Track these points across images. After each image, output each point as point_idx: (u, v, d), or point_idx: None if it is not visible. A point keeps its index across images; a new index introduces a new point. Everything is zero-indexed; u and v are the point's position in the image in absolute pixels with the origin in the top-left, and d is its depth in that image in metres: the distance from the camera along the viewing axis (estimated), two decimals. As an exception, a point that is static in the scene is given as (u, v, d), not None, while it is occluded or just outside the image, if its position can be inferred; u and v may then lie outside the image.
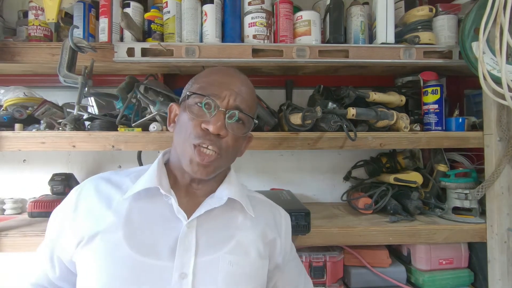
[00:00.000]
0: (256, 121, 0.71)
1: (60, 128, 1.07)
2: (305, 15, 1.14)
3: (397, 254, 1.24)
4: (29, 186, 1.41)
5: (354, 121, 1.11)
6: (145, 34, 1.16)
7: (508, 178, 1.06)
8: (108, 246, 0.62)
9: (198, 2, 1.13)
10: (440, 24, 1.18)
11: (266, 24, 1.12)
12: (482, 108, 1.11)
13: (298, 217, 1.02)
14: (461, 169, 1.23)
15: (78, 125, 1.08)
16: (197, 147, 0.64)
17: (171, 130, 0.73)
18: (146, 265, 0.61)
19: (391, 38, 1.14)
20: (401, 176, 1.24)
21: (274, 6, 1.16)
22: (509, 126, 1.05)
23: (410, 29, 1.16)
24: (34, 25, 1.15)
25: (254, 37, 1.12)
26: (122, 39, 1.15)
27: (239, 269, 0.65)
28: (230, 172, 0.76)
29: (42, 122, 1.10)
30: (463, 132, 1.14)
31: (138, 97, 1.08)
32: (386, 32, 1.14)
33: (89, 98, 1.23)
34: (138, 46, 1.09)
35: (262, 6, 1.12)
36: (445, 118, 1.17)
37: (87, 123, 1.14)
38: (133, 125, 1.07)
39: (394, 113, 1.12)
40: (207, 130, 0.63)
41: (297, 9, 1.19)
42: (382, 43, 1.14)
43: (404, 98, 1.21)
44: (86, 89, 1.02)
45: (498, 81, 0.96)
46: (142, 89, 1.07)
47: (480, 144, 1.11)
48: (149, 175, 0.69)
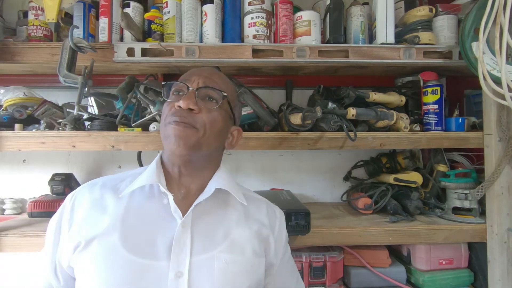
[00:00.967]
0: (225, 93, 0.71)
1: (60, 128, 1.08)
2: (305, 15, 1.14)
3: (397, 254, 1.24)
4: (29, 186, 1.41)
5: (354, 121, 1.11)
6: (145, 34, 1.16)
7: (508, 178, 1.06)
8: (105, 250, 0.62)
9: (198, 2, 1.13)
10: (440, 24, 1.18)
11: (266, 24, 1.12)
12: (482, 108, 1.11)
13: (298, 217, 1.02)
14: (461, 169, 1.23)
15: (78, 125, 1.08)
16: (172, 124, 0.66)
17: None
18: (143, 265, 0.61)
19: (391, 38, 1.14)
20: (401, 176, 1.24)
21: (274, 6, 1.16)
22: (509, 126, 1.05)
23: (410, 29, 1.17)
24: (34, 25, 1.15)
25: (254, 37, 1.12)
26: (122, 39, 1.15)
27: (235, 267, 0.66)
28: (220, 167, 0.76)
29: (42, 122, 1.10)
30: (463, 132, 1.14)
31: (138, 97, 1.08)
32: (386, 32, 1.14)
33: (89, 98, 1.23)
34: (138, 46, 1.09)
35: (262, 6, 1.12)
36: (445, 118, 1.17)
37: (87, 123, 1.14)
38: (133, 125, 1.07)
39: (394, 113, 1.12)
40: (180, 107, 0.67)
41: (297, 9, 1.19)
42: (382, 43, 1.14)
43: (404, 98, 1.21)
44: (86, 89, 1.02)
45: (498, 81, 0.96)
46: (142, 89, 1.08)
47: (480, 144, 1.11)
48: (148, 174, 0.70)
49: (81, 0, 1.15)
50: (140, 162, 1.29)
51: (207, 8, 1.12)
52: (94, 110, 1.26)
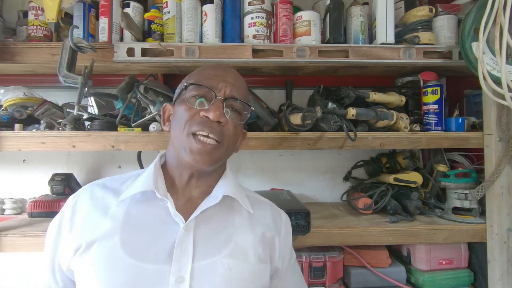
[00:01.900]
0: (252, 107, 0.72)
1: (60, 128, 1.07)
2: (305, 15, 1.14)
3: (397, 254, 1.24)
4: (29, 186, 1.41)
5: (354, 121, 1.11)
6: (145, 34, 1.16)
7: (508, 178, 1.06)
8: (105, 253, 0.61)
9: (198, 2, 1.13)
10: (440, 24, 1.18)
11: (266, 24, 1.12)
12: (482, 108, 1.11)
13: (298, 217, 1.02)
14: (461, 169, 1.23)
15: (78, 125, 1.08)
16: (196, 136, 0.64)
17: (166, 129, 0.74)
18: (143, 269, 0.60)
19: (391, 38, 1.14)
20: (401, 176, 1.24)
21: (274, 6, 1.16)
22: (509, 126, 1.05)
23: (410, 29, 1.16)
24: (34, 25, 1.15)
25: (254, 37, 1.12)
26: (122, 39, 1.15)
27: (238, 273, 0.64)
28: (226, 170, 0.75)
29: (42, 122, 1.10)
30: (463, 132, 1.14)
31: (138, 97, 1.08)
32: (386, 32, 1.14)
33: (89, 98, 1.23)
34: (138, 46, 1.09)
35: (262, 6, 1.12)
36: (445, 118, 1.17)
37: (87, 123, 1.14)
38: (133, 125, 1.07)
39: (394, 113, 1.12)
40: (207, 117, 0.64)
41: (297, 9, 1.19)
42: (382, 43, 1.14)
43: (404, 98, 1.21)
44: (86, 89, 1.02)
45: (498, 81, 0.96)
46: (142, 89, 1.07)
47: (480, 144, 1.11)
48: (145, 178, 0.68)
49: (81, 0, 1.15)
50: (140, 162, 1.29)
51: (207, 8, 1.12)
52: (94, 110, 1.26)
